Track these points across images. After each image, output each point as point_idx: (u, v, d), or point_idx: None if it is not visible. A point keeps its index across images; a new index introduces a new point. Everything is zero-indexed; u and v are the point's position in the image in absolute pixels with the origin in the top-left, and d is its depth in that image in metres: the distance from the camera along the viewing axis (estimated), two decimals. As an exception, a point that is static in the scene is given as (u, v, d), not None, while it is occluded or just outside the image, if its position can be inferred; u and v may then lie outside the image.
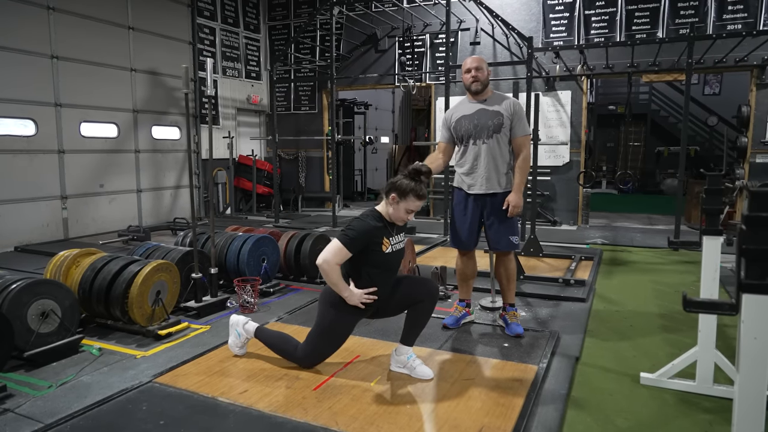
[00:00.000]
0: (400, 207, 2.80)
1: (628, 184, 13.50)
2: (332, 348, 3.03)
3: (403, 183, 2.78)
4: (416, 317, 3.03)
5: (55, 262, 3.93)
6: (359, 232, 2.75)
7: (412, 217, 2.87)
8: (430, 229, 8.32)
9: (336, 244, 2.72)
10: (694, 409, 2.67)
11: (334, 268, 2.73)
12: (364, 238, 2.76)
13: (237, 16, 10.55)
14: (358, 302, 2.81)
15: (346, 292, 2.79)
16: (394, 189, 2.79)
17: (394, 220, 2.86)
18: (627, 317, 4.13)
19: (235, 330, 3.28)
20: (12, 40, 6.81)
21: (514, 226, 3.64)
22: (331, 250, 2.72)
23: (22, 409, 2.66)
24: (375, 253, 2.81)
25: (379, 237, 2.81)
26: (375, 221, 2.82)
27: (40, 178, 7.24)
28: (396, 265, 2.98)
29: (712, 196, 2.69)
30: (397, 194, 2.78)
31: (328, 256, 2.71)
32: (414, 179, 2.80)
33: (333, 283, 2.77)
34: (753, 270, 1.65)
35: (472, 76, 3.57)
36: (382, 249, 2.82)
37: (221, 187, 10.19)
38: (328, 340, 2.98)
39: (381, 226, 2.83)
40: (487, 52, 9.05)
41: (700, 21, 7.75)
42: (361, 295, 2.81)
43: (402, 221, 2.87)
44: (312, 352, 3.01)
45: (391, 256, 2.88)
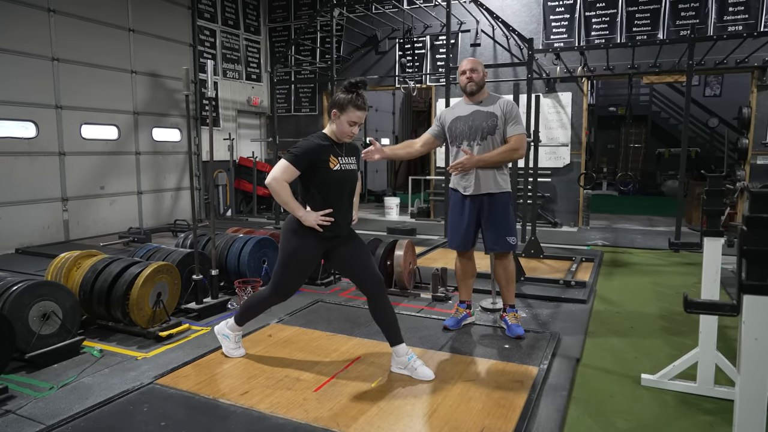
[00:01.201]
0: (342, 121, 2.84)
1: (628, 186, 13.51)
2: (298, 277, 3.02)
3: (341, 97, 2.84)
4: (376, 314, 3.03)
5: (56, 263, 3.94)
6: (303, 149, 2.80)
7: (356, 131, 2.89)
8: (431, 230, 8.32)
9: (282, 162, 2.77)
10: (695, 410, 2.67)
11: (283, 185, 2.76)
12: (309, 155, 2.79)
13: (237, 18, 10.57)
14: (314, 223, 2.82)
15: (300, 212, 2.82)
16: (334, 105, 2.85)
17: (340, 138, 2.89)
18: (628, 319, 4.13)
19: (222, 335, 3.30)
20: (13, 43, 6.83)
21: (511, 227, 3.63)
22: (279, 168, 2.76)
23: (23, 410, 2.66)
24: (323, 171, 2.83)
25: (326, 154, 2.84)
26: (320, 140, 2.87)
27: (40, 180, 7.25)
28: (349, 185, 2.98)
29: (713, 197, 2.69)
30: (337, 109, 2.84)
31: (276, 174, 2.75)
32: (350, 91, 2.84)
33: (284, 201, 2.79)
34: (754, 271, 1.65)
35: (467, 78, 3.58)
36: (330, 166, 2.84)
37: (222, 189, 10.20)
38: (292, 266, 2.97)
39: (327, 144, 2.87)
40: (487, 53, 9.06)
41: (700, 22, 7.76)
42: (317, 216, 2.83)
43: (347, 136, 2.89)
44: (279, 283, 3.01)
45: (341, 175, 2.89)
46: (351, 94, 2.83)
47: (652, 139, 15.19)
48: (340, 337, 3.68)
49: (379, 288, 3.01)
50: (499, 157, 3.50)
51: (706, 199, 2.70)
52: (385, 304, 3.03)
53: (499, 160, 3.52)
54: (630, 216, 10.01)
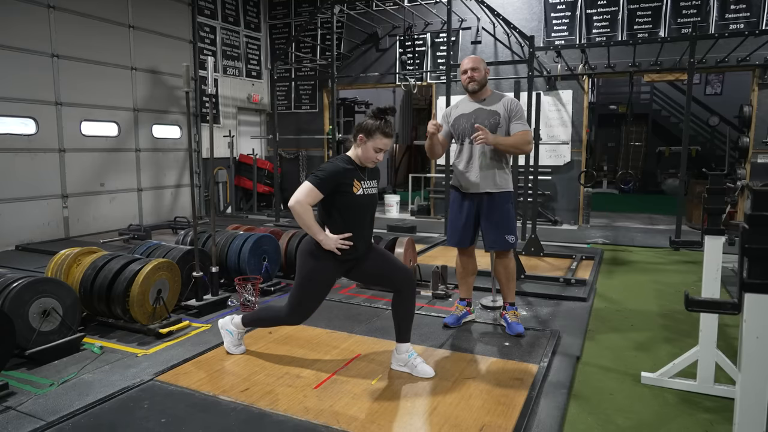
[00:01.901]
0: (369, 147, 2.81)
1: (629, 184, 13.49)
2: (315, 300, 2.99)
3: (369, 123, 2.81)
4: (401, 311, 3.02)
5: (57, 260, 3.94)
6: (329, 172, 2.76)
7: (381, 157, 2.87)
8: (431, 228, 8.32)
9: (307, 185, 2.74)
10: (695, 408, 2.67)
11: (307, 209, 2.73)
12: (334, 179, 2.76)
13: (238, 15, 10.55)
14: (334, 246, 2.80)
15: (320, 236, 2.79)
16: (361, 130, 2.82)
17: (364, 162, 2.87)
18: (628, 317, 4.13)
19: (226, 330, 3.29)
20: (12, 39, 6.81)
21: (510, 225, 3.63)
22: (302, 191, 2.73)
23: (23, 407, 2.66)
24: (346, 195, 2.81)
25: (350, 178, 2.81)
26: (345, 163, 2.84)
27: (40, 177, 7.24)
28: (370, 210, 2.96)
29: (714, 195, 2.69)
30: (364, 134, 2.80)
31: (300, 197, 2.72)
32: (379, 118, 2.81)
33: (307, 225, 2.77)
34: (755, 269, 1.65)
35: (469, 77, 3.57)
36: (353, 191, 2.82)
37: (222, 186, 10.19)
38: (310, 291, 2.95)
39: (351, 168, 2.84)
40: (488, 51, 9.04)
41: (702, 20, 7.74)
42: (337, 239, 2.80)
43: (372, 162, 2.87)
44: (296, 306, 2.98)
45: (363, 200, 2.87)
46: (379, 121, 2.79)
47: (652, 137, 15.17)
48: (340, 334, 3.68)
49: (409, 284, 3.01)
50: (512, 142, 3.48)
51: (707, 197, 2.70)
52: (411, 300, 3.03)
53: (512, 144, 3.49)
54: (630, 214, 10.01)
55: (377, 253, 3.05)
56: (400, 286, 2.99)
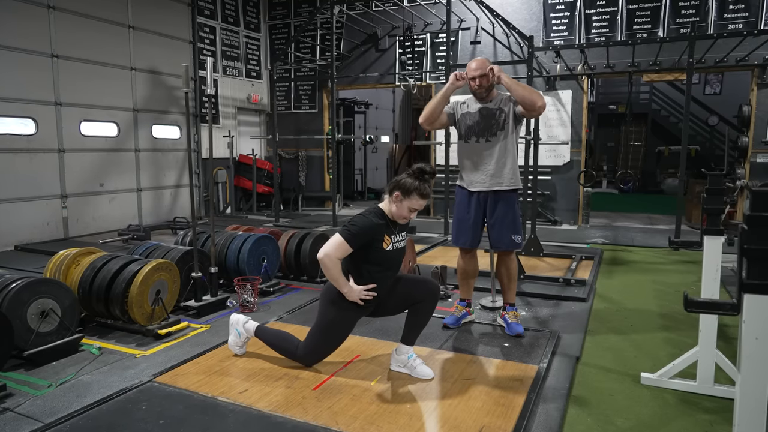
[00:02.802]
0: (404, 205, 2.80)
1: (628, 184, 13.50)
2: (333, 345, 3.03)
3: (407, 182, 2.79)
4: (417, 317, 3.02)
5: (55, 261, 3.93)
6: (361, 227, 2.75)
7: (414, 216, 2.87)
8: (431, 228, 8.32)
9: (338, 238, 2.72)
10: (695, 409, 2.66)
11: (335, 263, 2.73)
12: (366, 235, 2.76)
13: (237, 15, 10.54)
14: (358, 298, 2.81)
15: (345, 288, 2.79)
16: (398, 187, 2.80)
17: (396, 219, 2.86)
18: (627, 317, 4.12)
19: (236, 329, 3.27)
20: (12, 39, 6.81)
21: (516, 224, 3.62)
22: (332, 245, 2.72)
23: (21, 408, 2.65)
24: (376, 251, 2.81)
25: (381, 234, 2.81)
26: (377, 218, 2.82)
27: (40, 177, 7.23)
28: (396, 263, 2.98)
29: (714, 195, 2.68)
30: (401, 192, 2.79)
31: (329, 251, 2.71)
32: (418, 178, 2.80)
33: (333, 278, 2.76)
34: (755, 270, 1.65)
35: (478, 84, 3.53)
36: (383, 246, 2.82)
37: (221, 187, 10.18)
38: (329, 337, 2.98)
39: (383, 224, 2.83)
40: (487, 51, 9.03)
41: (701, 20, 7.74)
42: (361, 291, 2.81)
43: (404, 220, 2.88)
44: (313, 350, 3.01)
45: (392, 254, 2.88)
46: (419, 182, 2.79)
47: (652, 137, 15.17)
48: (339, 335, 3.66)
49: (434, 294, 3.01)
50: (522, 88, 3.39)
51: (706, 197, 2.69)
52: (431, 310, 3.04)
53: (522, 89, 3.38)
54: (630, 214, 10.00)
55: (397, 287, 3.02)
56: (423, 298, 3.00)
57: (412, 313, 3.04)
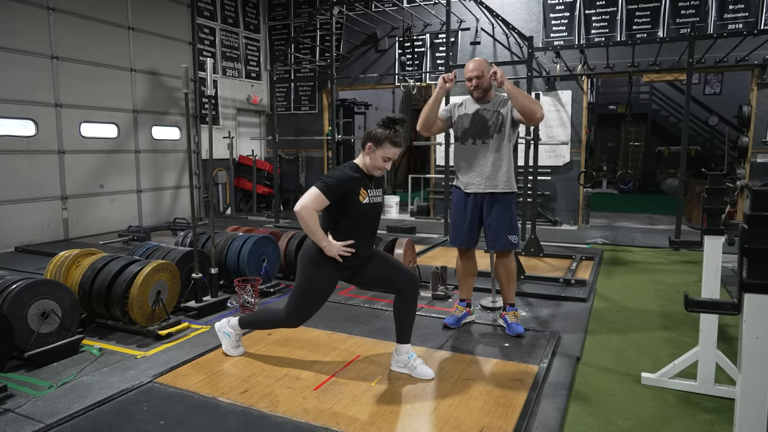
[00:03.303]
0: (377, 155, 2.82)
1: (628, 184, 13.49)
2: (314, 305, 3.01)
3: (378, 132, 2.81)
4: (403, 312, 3.02)
5: (56, 262, 3.93)
6: (337, 179, 2.77)
7: (389, 166, 2.87)
8: (431, 229, 8.31)
9: (314, 191, 2.73)
10: (696, 409, 2.66)
11: (313, 214, 2.73)
12: (341, 186, 2.77)
13: (237, 16, 10.55)
14: (337, 254, 2.80)
15: (324, 242, 2.79)
16: (370, 138, 2.82)
17: (371, 171, 2.88)
18: (628, 317, 4.12)
19: (223, 332, 3.30)
20: (12, 41, 6.81)
21: (513, 225, 3.62)
22: (309, 197, 2.73)
23: (22, 409, 2.65)
24: (353, 204, 2.81)
25: (357, 187, 2.82)
26: (353, 171, 2.84)
27: (40, 179, 7.23)
28: (374, 218, 2.97)
29: (714, 195, 2.68)
30: (372, 143, 2.81)
31: (306, 202, 2.72)
32: (389, 127, 2.82)
33: (311, 230, 2.76)
34: (755, 269, 1.65)
35: (474, 85, 3.55)
36: (359, 199, 2.82)
37: (221, 188, 10.18)
38: (309, 296, 2.96)
39: (359, 177, 2.85)
40: (487, 51, 9.04)
41: (700, 20, 7.74)
42: (340, 246, 2.80)
43: (379, 171, 2.88)
44: (295, 310, 2.99)
45: (368, 208, 2.88)
46: (389, 130, 2.80)
47: (652, 137, 15.17)
48: (339, 335, 3.67)
49: (414, 285, 3.01)
50: (524, 97, 3.38)
51: (706, 197, 2.70)
52: (414, 302, 3.04)
53: (524, 98, 3.37)
54: (630, 214, 10.00)
55: (379, 257, 3.05)
56: (403, 288, 3.00)
57: (397, 309, 3.03)
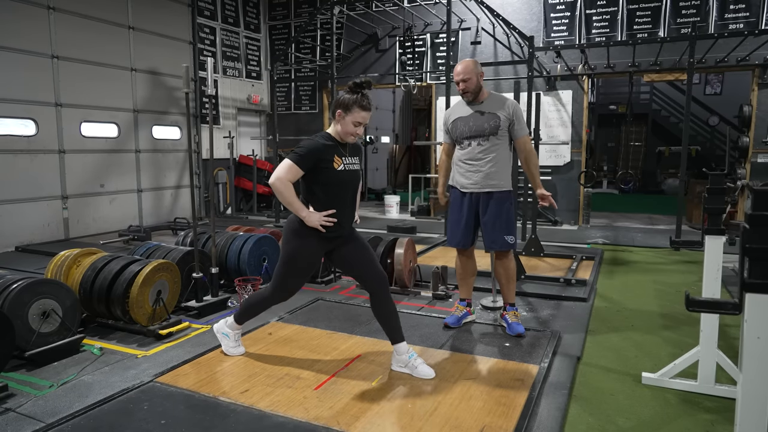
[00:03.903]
0: (347, 121, 2.81)
1: (629, 184, 13.49)
2: (299, 277, 3.01)
3: (346, 97, 2.81)
4: (380, 311, 3.01)
5: (56, 261, 3.93)
6: (308, 149, 2.77)
7: (361, 131, 2.87)
8: (431, 229, 8.32)
9: (286, 162, 2.74)
10: (696, 408, 2.66)
11: (287, 185, 2.74)
12: (313, 155, 2.77)
13: (237, 16, 10.55)
14: (317, 223, 2.80)
15: (303, 212, 2.80)
16: (338, 105, 2.82)
17: (343, 138, 2.87)
18: (628, 317, 4.12)
19: (222, 333, 3.30)
20: (12, 40, 6.81)
21: (510, 225, 3.62)
22: (282, 168, 2.74)
23: (23, 408, 2.65)
24: (328, 171, 2.81)
25: (330, 155, 2.82)
26: (324, 140, 2.85)
27: (40, 178, 7.24)
28: (353, 186, 2.96)
29: (715, 195, 2.68)
30: (341, 109, 2.81)
31: (280, 174, 2.72)
32: (355, 92, 2.82)
33: (288, 201, 2.77)
34: (756, 269, 1.64)
35: (462, 89, 3.57)
36: (334, 166, 2.82)
37: (222, 187, 10.18)
38: (294, 267, 2.96)
39: (331, 144, 2.85)
40: (488, 51, 9.04)
41: (701, 20, 7.74)
42: (320, 216, 2.81)
43: (351, 137, 2.87)
44: (280, 283, 3.00)
45: (344, 175, 2.87)
46: (356, 95, 2.80)
47: (652, 137, 15.17)
48: (340, 335, 3.67)
49: (382, 285, 3.00)
50: (537, 171, 3.71)
51: (707, 197, 2.69)
52: (388, 301, 3.02)
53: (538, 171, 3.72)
54: (630, 214, 10.00)
55: (360, 243, 3.05)
56: (372, 289, 2.99)
57: (375, 311, 3.03)
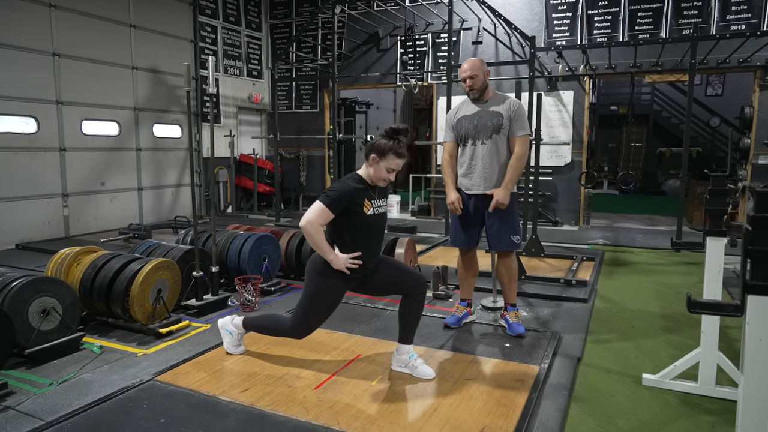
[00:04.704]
0: (381, 167, 2.80)
1: (629, 185, 13.47)
2: (321, 316, 2.99)
3: (382, 143, 2.79)
4: (409, 313, 3.01)
5: (57, 259, 3.93)
6: (341, 192, 2.75)
7: (392, 177, 2.86)
8: (431, 228, 8.31)
9: (318, 205, 2.71)
10: (697, 410, 2.66)
11: (318, 229, 2.71)
12: (345, 199, 2.75)
13: (239, 15, 10.54)
14: (344, 266, 2.78)
15: (330, 255, 2.77)
16: (374, 149, 2.80)
17: (375, 182, 2.86)
18: (629, 318, 4.12)
19: (226, 330, 3.29)
20: (14, 38, 6.81)
21: (515, 225, 3.62)
22: (314, 211, 2.71)
23: (23, 406, 2.65)
24: (357, 215, 2.80)
25: (361, 198, 2.80)
26: (356, 183, 2.82)
27: (41, 176, 7.23)
28: (380, 230, 2.95)
29: (717, 197, 2.67)
30: (376, 154, 2.79)
31: (311, 217, 2.70)
32: (392, 138, 2.80)
33: (317, 245, 2.75)
34: (759, 271, 1.64)
35: (468, 86, 3.56)
36: (363, 211, 2.80)
37: (222, 186, 10.18)
38: (317, 308, 2.94)
39: (362, 188, 2.82)
40: (489, 51, 9.03)
41: (703, 21, 7.73)
42: (347, 259, 2.79)
43: (383, 182, 2.86)
44: (301, 322, 2.97)
45: (373, 219, 2.86)
46: (392, 141, 2.78)
47: (653, 138, 15.14)
48: (340, 334, 3.67)
49: (421, 289, 3.01)
50: (516, 174, 3.55)
51: (709, 198, 2.69)
52: (421, 304, 3.03)
53: (518, 175, 3.58)
54: (631, 215, 10.00)
55: (385, 262, 3.03)
56: (411, 291, 2.99)
57: (403, 310, 3.03)
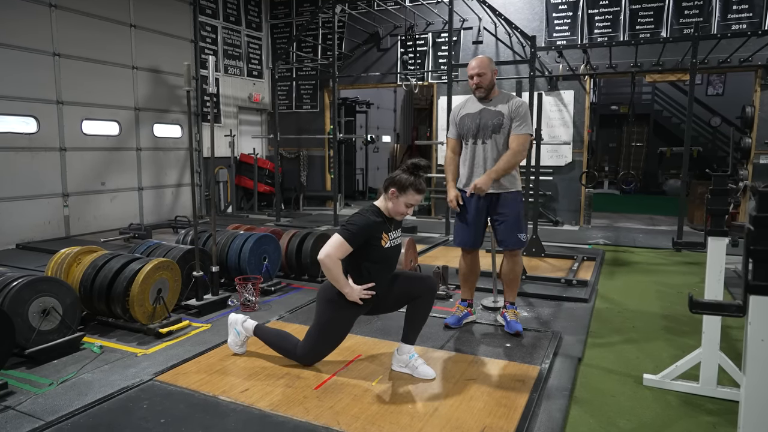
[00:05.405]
0: (400, 201, 2.81)
1: (630, 185, 13.46)
2: (332, 345, 3.02)
3: (403, 177, 2.80)
4: (416, 313, 3.02)
5: (57, 259, 3.92)
6: (360, 226, 2.75)
7: (411, 211, 2.88)
8: (432, 228, 8.31)
9: (337, 238, 2.72)
10: (698, 411, 2.65)
11: (337, 263, 2.73)
12: (365, 233, 2.76)
13: (239, 14, 10.54)
14: (358, 298, 2.81)
15: (346, 288, 2.79)
16: (394, 184, 2.80)
17: (393, 215, 2.87)
18: (629, 318, 4.11)
19: (234, 328, 3.27)
20: (14, 38, 6.80)
21: (521, 223, 3.61)
22: (333, 245, 2.72)
23: (22, 406, 2.65)
24: (374, 248, 2.82)
25: (379, 232, 2.82)
26: (375, 216, 2.82)
27: (41, 176, 7.23)
28: (394, 260, 2.98)
29: (718, 196, 2.67)
30: (396, 189, 2.79)
31: (330, 251, 2.71)
32: (413, 174, 2.81)
33: (335, 278, 2.76)
34: (761, 271, 1.64)
35: (475, 84, 3.55)
36: (381, 244, 2.82)
37: (222, 186, 10.18)
38: (328, 337, 2.97)
39: (381, 221, 2.83)
40: (489, 51, 9.02)
41: (704, 21, 7.72)
42: (361, 290, 2.81)
43: (401, 216, 2.88)
44: (312, 350, 3.01)
45: (390, 251, 2.89)
46: (413, 177, 2.79)
47: (654, 137, 15.12)
48: (340, 334, 3.66)
49: (432, 292, 3.01)
50: (506, 167, 3.48)
51: (710, 198, 2.68)
52: (429, 306, 3.03)
53: (506, 168, 3.49)
54: (631, 215, 9.99)
55: (395, 284, 3.02)
56: (421, 293, 3.00)
57: (410, 310, 3.03)
